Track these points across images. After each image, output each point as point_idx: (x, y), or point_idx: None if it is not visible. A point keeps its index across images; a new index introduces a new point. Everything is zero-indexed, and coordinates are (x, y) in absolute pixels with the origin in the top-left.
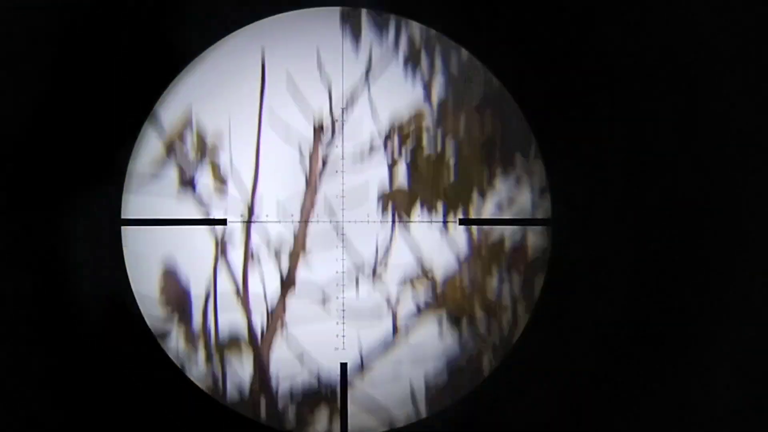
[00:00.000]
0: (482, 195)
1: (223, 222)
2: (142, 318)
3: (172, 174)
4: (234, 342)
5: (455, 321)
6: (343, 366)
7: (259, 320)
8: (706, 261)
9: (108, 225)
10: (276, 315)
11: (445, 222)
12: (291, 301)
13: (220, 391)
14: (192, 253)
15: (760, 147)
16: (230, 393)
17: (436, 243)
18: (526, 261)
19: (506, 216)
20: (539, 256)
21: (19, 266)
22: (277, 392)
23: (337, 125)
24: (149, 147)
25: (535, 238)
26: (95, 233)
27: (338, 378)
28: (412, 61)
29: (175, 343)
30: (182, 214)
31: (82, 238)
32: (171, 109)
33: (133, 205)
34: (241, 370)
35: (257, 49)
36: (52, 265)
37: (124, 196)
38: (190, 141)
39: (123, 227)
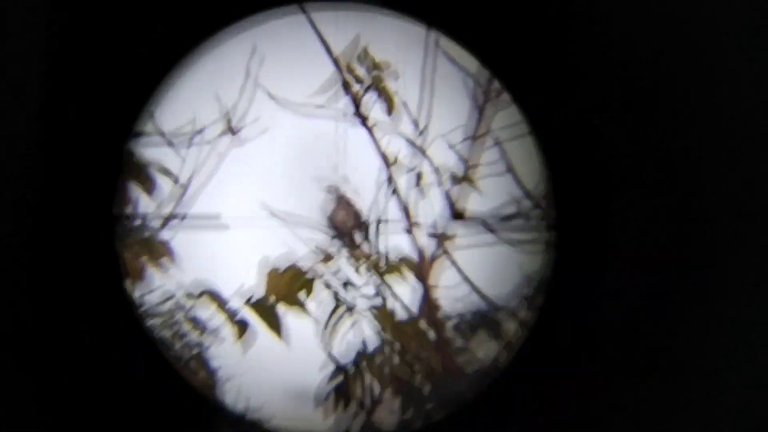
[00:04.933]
0: None
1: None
2: (140, 319)
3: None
4: None
5: None
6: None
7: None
8: (709, 262)
9: (104, 223)
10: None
11: None
12: None
13: None
14: None
15: (764, 147)
16: None
17: None
18: None
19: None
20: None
21: (16, 266)
22: None
23: None
24: None
25: None
26: (91, 231)
27: None
28: None
29: None
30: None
31: (79, 237)
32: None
33: None
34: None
35: None
36: (50, 266)
37: None
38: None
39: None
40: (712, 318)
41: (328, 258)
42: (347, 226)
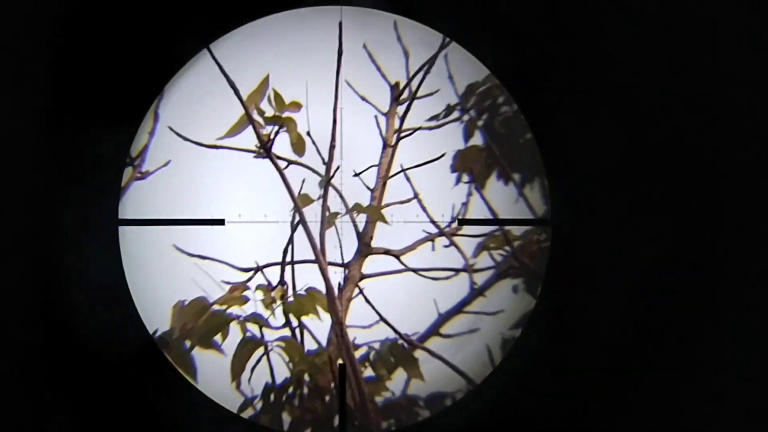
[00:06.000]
0: None
1: (221, 222)
2: (140, 319)
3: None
4: None
5: None
6: (342, 366)
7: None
8: (707, 261)
9: (106, 225)
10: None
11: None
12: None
13: None
14: None
15: (762, 147)
16: None
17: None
18: None
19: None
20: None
21: (18, 267)
22: None
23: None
24: None
25: None
26: (93, 233)
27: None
28: None
29: None
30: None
31: (80, 239)
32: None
33: None
34: None
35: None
36: (51, 265)
37: None
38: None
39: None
40: (711, 318)
41: (242, 301)
42: None
